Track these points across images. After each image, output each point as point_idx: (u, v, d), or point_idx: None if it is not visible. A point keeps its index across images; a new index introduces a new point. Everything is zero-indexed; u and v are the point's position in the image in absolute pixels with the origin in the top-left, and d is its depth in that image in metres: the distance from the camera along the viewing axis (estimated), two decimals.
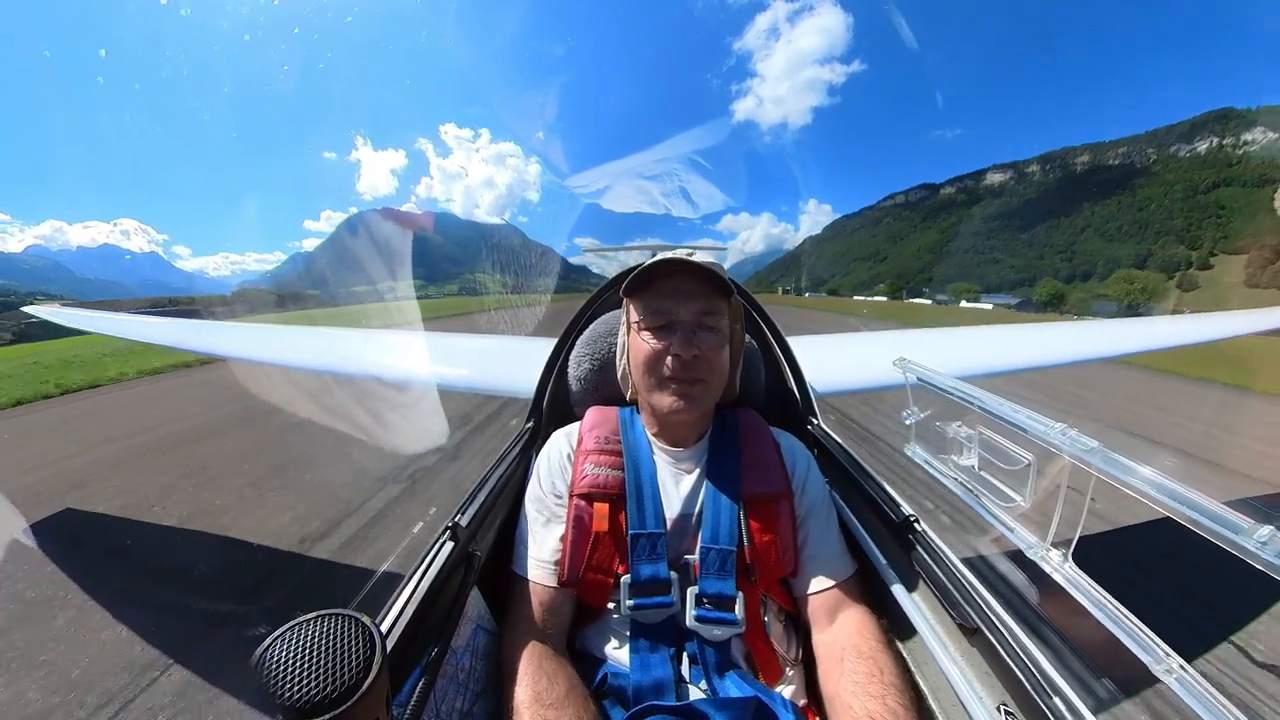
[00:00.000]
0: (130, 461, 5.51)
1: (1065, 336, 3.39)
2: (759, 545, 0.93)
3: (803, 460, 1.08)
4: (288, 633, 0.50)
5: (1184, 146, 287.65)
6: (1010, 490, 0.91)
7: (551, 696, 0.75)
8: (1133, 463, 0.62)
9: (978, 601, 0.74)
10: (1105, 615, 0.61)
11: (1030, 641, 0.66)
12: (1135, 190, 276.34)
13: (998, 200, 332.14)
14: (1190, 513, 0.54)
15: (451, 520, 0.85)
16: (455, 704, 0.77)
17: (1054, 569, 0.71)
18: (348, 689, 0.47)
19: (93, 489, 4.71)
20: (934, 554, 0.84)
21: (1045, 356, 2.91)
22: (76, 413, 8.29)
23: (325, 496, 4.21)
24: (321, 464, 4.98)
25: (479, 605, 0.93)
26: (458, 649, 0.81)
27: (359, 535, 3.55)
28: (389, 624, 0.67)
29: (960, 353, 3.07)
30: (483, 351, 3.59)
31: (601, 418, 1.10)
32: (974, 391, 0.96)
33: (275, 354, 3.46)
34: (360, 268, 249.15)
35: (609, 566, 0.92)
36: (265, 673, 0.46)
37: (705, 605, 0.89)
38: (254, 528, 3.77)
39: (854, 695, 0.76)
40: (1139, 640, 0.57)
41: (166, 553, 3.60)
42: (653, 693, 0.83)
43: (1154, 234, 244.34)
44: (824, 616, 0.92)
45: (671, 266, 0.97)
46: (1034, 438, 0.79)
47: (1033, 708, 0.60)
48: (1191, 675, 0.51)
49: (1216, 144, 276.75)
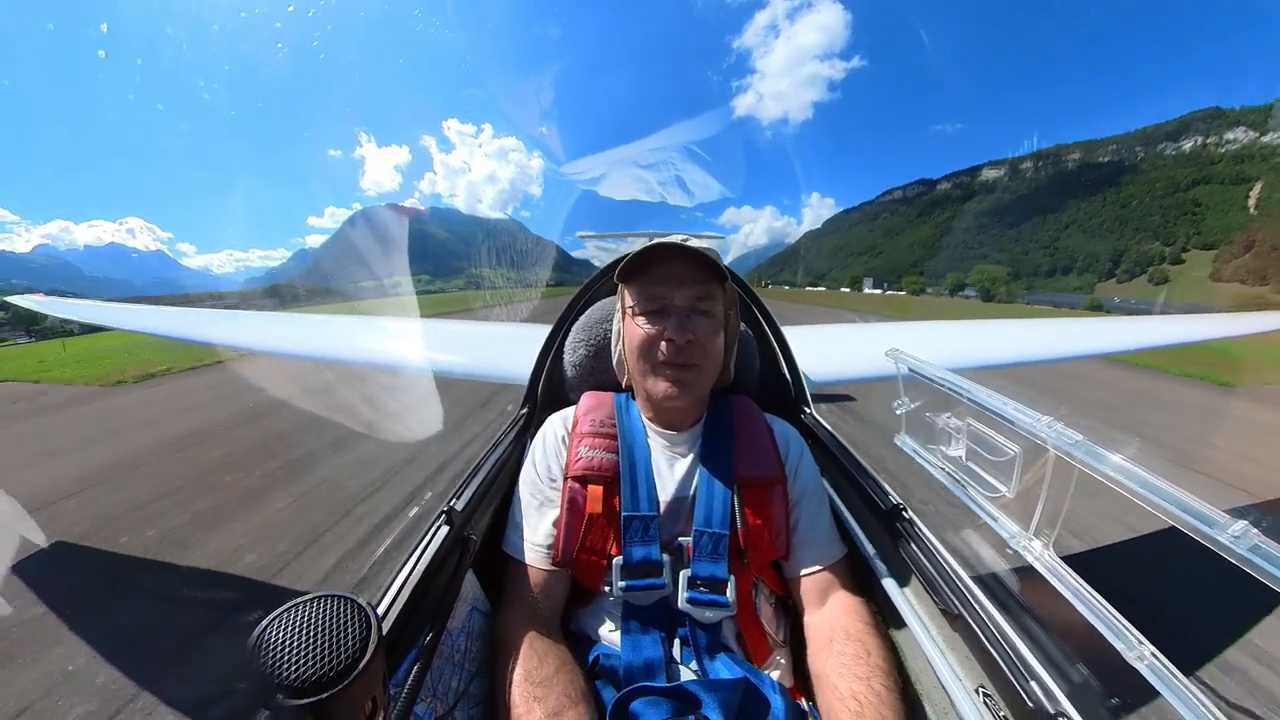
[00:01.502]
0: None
1: (1061, 332, 3.42)
2: (752, 528, 0.94)
3: (796, 445, 1.09)
4: (285, 614, 0.50)
5: (1171, 145, 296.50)
6: (996, 481, 0.93)
7: (541, 675, 0.77)
8: (1115, 456, 0.64)
9: (960, 588, 0.76)
10: (1082, 603, 0.63)
11: (1009, 627, 0.68)
12: (1121, 188, 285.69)
13: (991, 196, 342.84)
14: (1168, 506, 0.55)
15: (447, 504, 0.86)
16: (451, 683, 0.79)
17: (1035, 558, 0.73)
18: (344, 668, 0.48)
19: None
20: (920, 542, 0.86)
21: (1039, 351, 2.94)
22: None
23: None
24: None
25: (474, 587, 0.94)
26: (453, 630, 0.83)
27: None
28: (385, 606, 0.68)
29: (954, 346, 3.09)
30: (478, 337, 3.58)
31: (597, 402, 1.11)
32: (964, 383, 0.98)
33: (272, 343, 3.43)
34: (367, 263, 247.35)
35: (602, 548, 0.93)
36: (263, 653, 0.47)
37: (698, 588, 0.90)
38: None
39: (840, 676, 0.79)
40: (1114, 628, 0.59)
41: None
42: (644, 673, 0.85)
43: (1132, 230, 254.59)
44: (814, 599, 0.94)
45: (666, 252, 0.97)
46: (1021, 430, 0.81)
47: (1010, 690, 0.62)
48: (1162, 662, 0.53)
49: (1201, 143, 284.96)
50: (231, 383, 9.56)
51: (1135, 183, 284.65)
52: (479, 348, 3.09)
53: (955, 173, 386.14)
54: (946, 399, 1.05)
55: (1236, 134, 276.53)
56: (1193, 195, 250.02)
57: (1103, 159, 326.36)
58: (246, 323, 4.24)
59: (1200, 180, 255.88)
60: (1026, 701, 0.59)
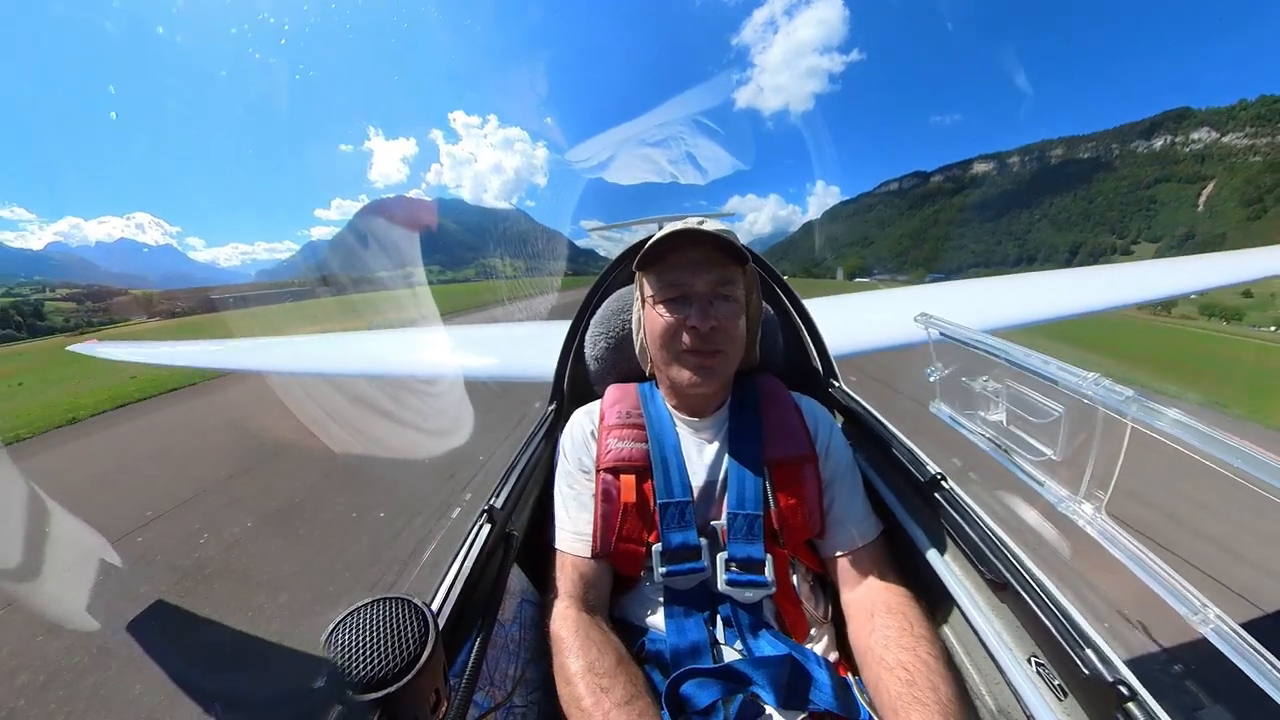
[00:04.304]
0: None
1: (1093, 283, 3.22)
2: (785, 508, 0.94)
3: (825, 423, 1.08)
4: (349, 617, 0.54)
5: (1142, 143, 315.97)
6: (1040, 444, 0.89)
7: (604, 666, 0.79)
8: (1171, 411, 0.61)
9: (1008, 557, 0.74)
10: (1140, 568, 0.61)
11: (1061, 595, 0.66)
12: (1093, 183, 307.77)
13: (977, 190, 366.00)
14: (1234, 461, 0.53)
15: (487, 504, 0.89)
16: (508, 671, 0.83)
17: (1087, 523, 0.71)
18: (407, 664, 0.51)
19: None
20: (962, 511, 0.84)
21: (1077, 304, 2.78)
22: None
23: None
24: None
25: (521, 580, 0.98)
26: (505, 622, 0.86)
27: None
28: (438, 604, 0.71)
29: (986, 306, 2.96)
30: (503, 340, 3.64)
31: (622, 394, 1.12)
32: (1000, 344, 0.94)
33: (306, 364, 3.57)
34: (377, 255, 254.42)
35: (640, 536, 0.95)
36: (334, 654, 0.51)
37: (735, 569, 0.91)
38: None
39: (886, 648, 0.78)
40: (1174, 592, 0.56)
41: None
42: (690, 656, 0.86)
43: (1094, 224, 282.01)
44: (852, 576, 0.93)
45: (683, 238, 0.96)
46: (1065, 389, 0.77)
47: (1064, 659, 0.61)
48: (1230, 625, 0.51)
49: (1170, 141, 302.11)
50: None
51: (1107, 179, 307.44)
52: (505, 351, 3.15)
53: (948, 165, 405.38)
54: (982, 362, 1.01)
55: (1200, 134, 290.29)
56: (1152, 193, 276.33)
57: (1083, 155, 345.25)
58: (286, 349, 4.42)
59: (1162, 178, 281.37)
60: (1083, 669, 0.58)
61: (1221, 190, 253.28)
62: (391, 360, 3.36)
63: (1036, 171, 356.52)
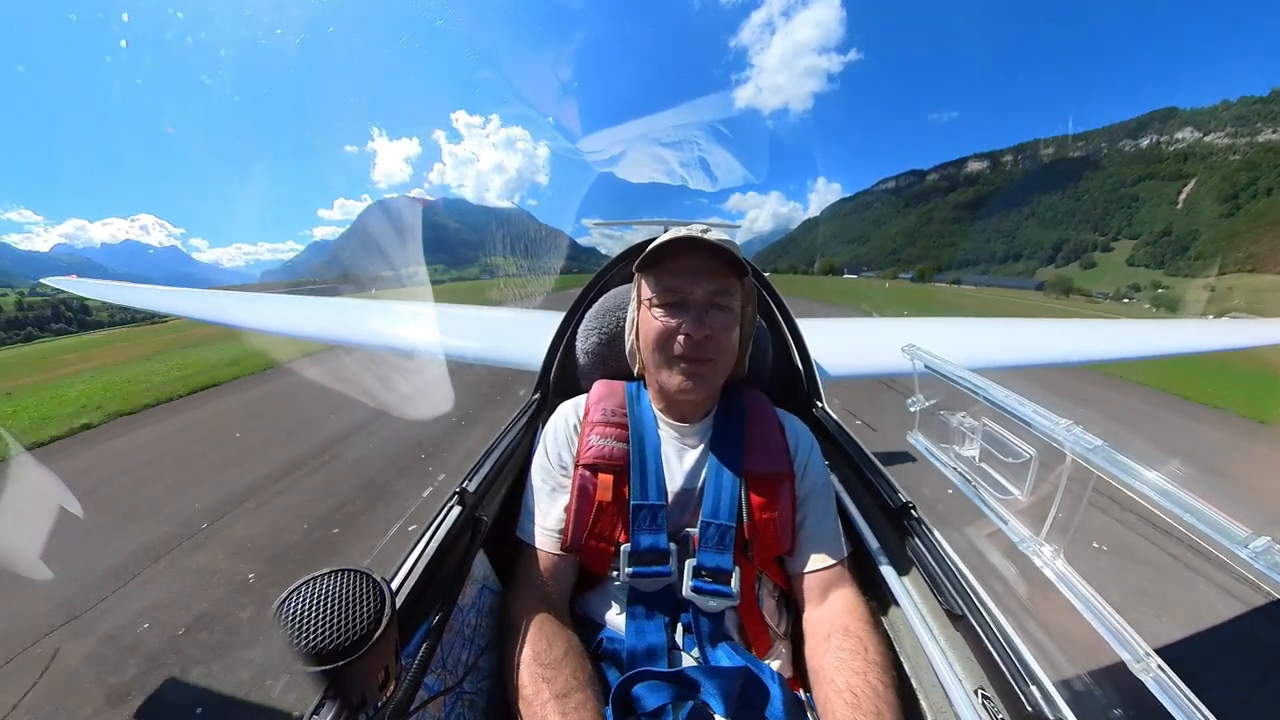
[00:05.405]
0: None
1: (1089, 335, 3.30)
2: (758, 522, 0.95)
3: (805, 442, 1.09)
4: (304, 586, 0.53)
5: (1130, 142, 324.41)
6: (1009, 483, 0.92)
7: (550, 657, 0.79)
8: (1137, 464, 0.62)
9: (965, 589, 0.75)
10: (1090, 612, 0.62)
11: (1013, 630, 0.68)
12: (1081, 182, 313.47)
13: (971, 189, 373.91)
14: (1189, 518, 0.54)
15: (460, 486, 0.88)
16: (461, 657, 0.82)
17: (1045, 563, 0.72)
18: (359, 639, 0.50)
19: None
20: (927, 540, 0.86)
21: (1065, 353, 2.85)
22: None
23: None
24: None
25: (484, 567, 0.97)
26: (464, 607, 0.85)
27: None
28: (399, 581, 0.70)
29: (974, 344, 3.01)
30: (491, 322, 3.60)
31: (609, 391, 1.12)
32: (982, 382, 0.96)
33: (284, 324, 3.49)
34: (381, 254, 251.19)
35: (610, 535, 0.94)
36: (284, 622, 0.50)
37: (702, 577, 0.91)
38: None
39: (837, 670, 0.79)
40: (1121, 639, 0.58)
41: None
42: (646, 658, 0.87)
43: (1078, 222, 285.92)
44: (816, 595, 0.94)
45: (686, 245, 0.96)
46: (1038, 432, 0.79)
47: (1009, 693, 0.62)
48: (1169, 676, 0.53)
49: (1155, 140, 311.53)
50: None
51: (1094, 177, 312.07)
52: (492, 333, 3.11)
53: (944, 164, 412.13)
54: (962, 397, 1.03)
55: (1185, 134, 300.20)
56: (1135, 190, 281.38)
57: (1074, 154, 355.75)
58: (261, 305, 4.32)
59: (1146, 176, 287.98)
60: (1026, 706, 0.59)
61: (1200, 188, 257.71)
62: (379, 331, 3.29)
63: (1029, 170, 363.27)
